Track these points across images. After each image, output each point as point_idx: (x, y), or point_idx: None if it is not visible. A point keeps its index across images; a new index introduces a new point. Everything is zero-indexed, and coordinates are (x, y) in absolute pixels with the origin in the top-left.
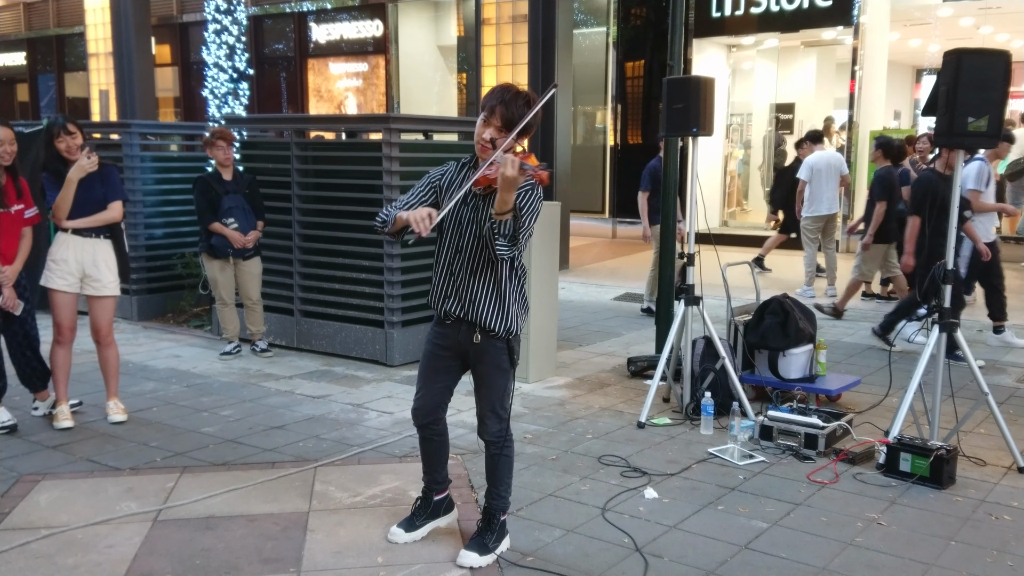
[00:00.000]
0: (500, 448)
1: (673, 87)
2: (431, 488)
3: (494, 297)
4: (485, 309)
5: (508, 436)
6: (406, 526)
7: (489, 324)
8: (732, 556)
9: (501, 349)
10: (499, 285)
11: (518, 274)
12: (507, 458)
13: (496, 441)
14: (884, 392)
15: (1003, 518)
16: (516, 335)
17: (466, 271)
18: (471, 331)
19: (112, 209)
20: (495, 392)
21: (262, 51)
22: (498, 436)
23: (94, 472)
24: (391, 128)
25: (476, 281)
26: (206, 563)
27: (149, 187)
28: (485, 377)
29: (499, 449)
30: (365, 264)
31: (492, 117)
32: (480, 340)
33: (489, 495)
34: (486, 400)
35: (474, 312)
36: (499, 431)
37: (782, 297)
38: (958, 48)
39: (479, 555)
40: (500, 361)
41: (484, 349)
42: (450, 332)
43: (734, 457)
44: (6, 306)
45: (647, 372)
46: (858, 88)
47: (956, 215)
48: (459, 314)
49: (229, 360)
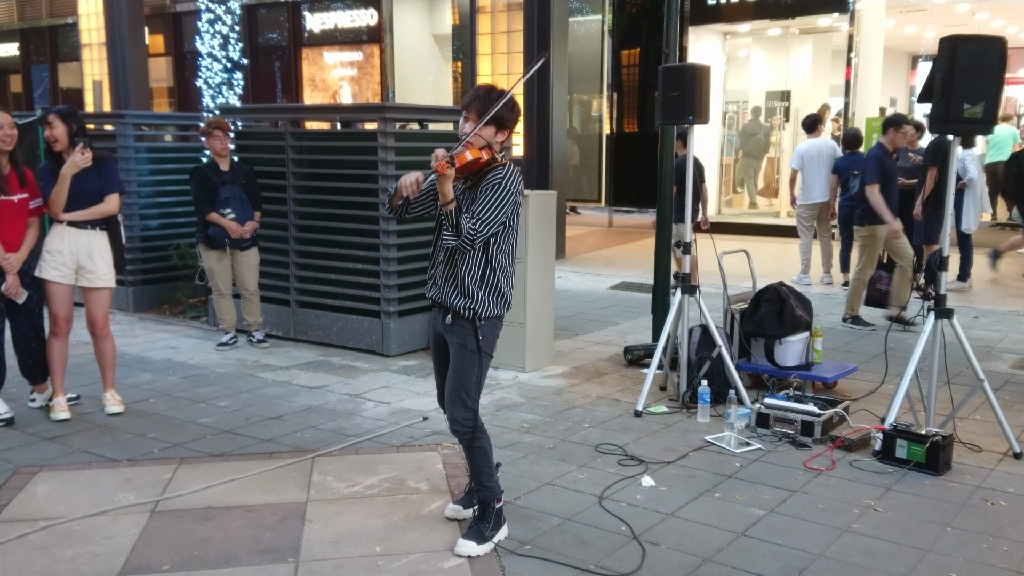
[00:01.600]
0: (470, 441)
1: (669, 75)
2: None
3: (464, 280)
4: (451, 291)
5: (476, 427)
6: (465, 502)
7: (454, 305)
8: (729, 543)
9: (467, 330)
10: (471, 268)
11: (491, 264)
12: (480, 448)
13: (464, 432)
14: (880, 379)
15: (999, 504)
16: (484, 319)
17: (441, 257)
18: (445, 314)
19: (109, 202)
20: (461, 376)
21: (256, 40)
22: (465, 426)
23: (91, 464)
24: (386, 117)
25: (447, 266)
26: (204, 554)
27: (144, 178)
28: (454, 359)
29: (469, 442)
30: (361, 254)
31: (469, 112)
32: (450, 321)
33: (475, 485)
34: (452, 384)
35: (443, 294)
36: (466, 420)
37: (778, 285)
38: (954, 35)
39: (476, 544)
40: (466, 341)
41: (452, 329)
42: (436, 317)
43: (731, 445)
44: (8, 293)
45: (644, 361)
46: (854, 75)
47: (952, 197)
48: (436, 298)
49: (226, 351)
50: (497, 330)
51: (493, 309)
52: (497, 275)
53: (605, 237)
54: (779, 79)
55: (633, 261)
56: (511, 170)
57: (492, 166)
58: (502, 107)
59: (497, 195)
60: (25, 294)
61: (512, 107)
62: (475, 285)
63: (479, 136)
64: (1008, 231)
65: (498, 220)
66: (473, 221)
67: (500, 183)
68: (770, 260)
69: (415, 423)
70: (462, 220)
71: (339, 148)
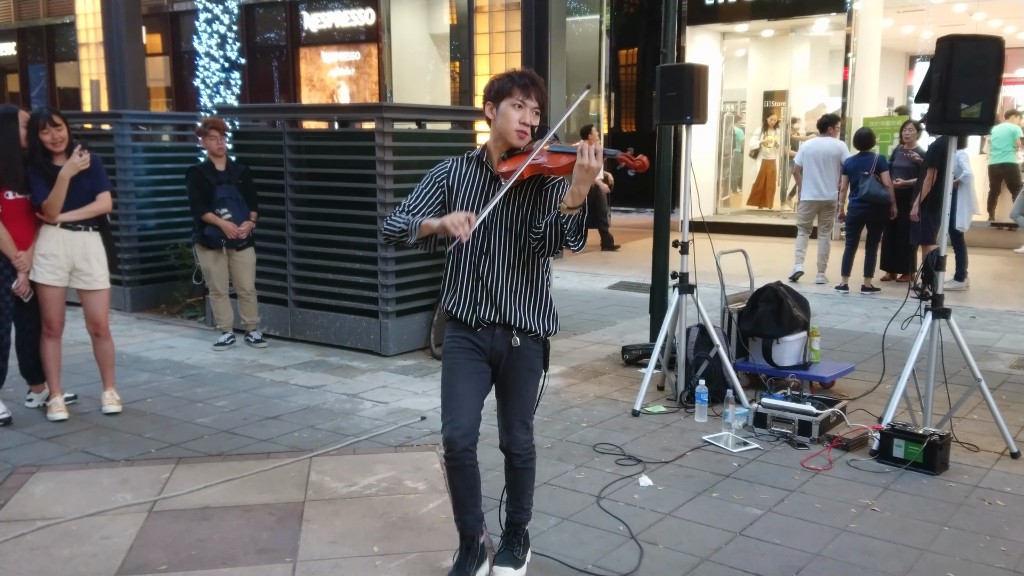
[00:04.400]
0: (526, 461)
1: (667, 75)
2: (475, 528)
3: (532, 296)
4: (524, 310)
5: (534, 447)
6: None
7: (528, 325)
8: (727, 543)
9: (537, 352)
10: (536, 283)
11: (546, 275)
12: (532, 470)
13: (523, 454)
14: (878, 379)
15: (996, 503)
16: (550, 335)
17: (498, 272)
18: (507, 335)
19: (102, 200)
20: (527, 399)
21: (254, 40)
22: (526, 448)
23: (89, 464)
24: (384, 117)
25: (511, 281)
26: (201, 554)
27: (141, 177)
28: (517, 383)
29: (524, 463)
30: (359, 254)
31: (528, 99)
32: (519, 343)
33: (514, 508)
34: (516, 409)
35: (512, 314)
36: (527, 442)
37: (776, 285)
38: (951, 35)
39: (514, 569)
40: (535, 364)
41: (521, 353)
42: (482, 339)
43: (728, 444)
44: (18, 291)
45: (642, 360)
46: (851, 75)
47: (948, 197)
48: (495, 319)
49: (223, 351)
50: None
51: (557, 324)
52: (550, 282)
53: None
54: (777, 79)
55: (631, 261)
56: None
57: None
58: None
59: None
60: (31, 293)
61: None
62: (544, 299)
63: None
64: (1004, 231)
65: None
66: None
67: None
68: (768, 260)
69: (413, 423)
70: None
71: (337, 148)
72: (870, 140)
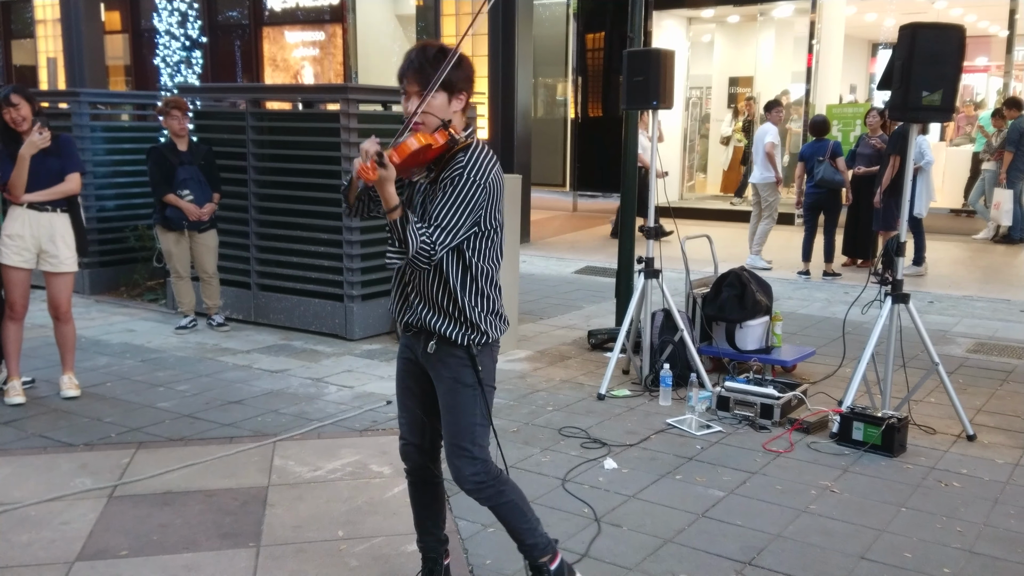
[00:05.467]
0: (491, 498)
1: (634, 59)
2: (435, 550)
3: (450, 298)
4: (440, 313)
5: (495, 478)
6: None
7: (444, 329)
8: (689, 524)
9: (462, 360)
10: (456, 285)
11: (473, 274)
12: (509, 503)
13: (477, 489)
14: (838, 363)
15: (952, 485)
16: (481, 344)
17: (414, 274)
18: (428, 340)
19: (70, 181)
20: (459, 418)
21: (215, 18)
22: (476, 483)
23: (47, 448)
24: (349, 99)
25: (427, 282)
26: (163, 539)
27: (100, 157)
28: (445, 397)
29: (490, 500)
30: (324, 237)
31: (409, 84)
32: (435, 349)
33: (519, 548)
34: (449, 432)
35: (426, 317)
36: (475, 476)
37: (740, 270)
38: (913, 23)
39: None
40: (461, 375)
41: (442, 361)
42: (412, 343)
43: (692, 427)
44: None
45: (607, 345)
46: (815, 62)
47: (909, 184)
48: (414, 322)
49: (185, 334)
50: (495, 355)
51: (492, 332)
52: (484, 286)
53: (569, 221)
54: (742, 65)
55: (597, 245)
56: (478, 154)
57: (453, 150)
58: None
59: (460, 191)
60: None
61: (460, 63)
62: (460, 303)
63: (429, 113)
64: (963, 217)
65: (464, 224)
66: (429, 230)
67: (462, 175)
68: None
69: (378, 407)
70: (410, 231)
71: (301, 129)
72: (825, 127)
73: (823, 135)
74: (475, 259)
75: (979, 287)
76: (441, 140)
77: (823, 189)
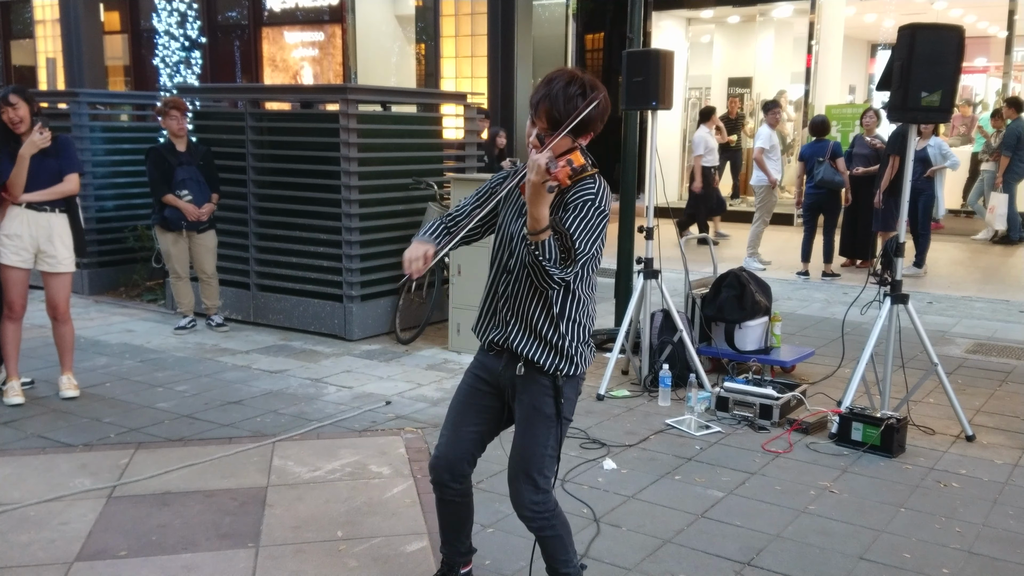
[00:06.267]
0: (538, 527)
1: (633, 60)
2: (454, 560)
3: (549, 325)
4: (534, 338)
5: (550, 511)
6: None
7: (533, 355)
8: (688, 525)
9: (546, 389)
10: (556, 311)
11: (575, 301)
12: (556, 538)
13: (530, 517)
14: (837, 363)
15: (951, 485)
16: (568, 375)
17: (516, 293)
18: (514, 362)
19: (69, 181)
20: (530, 446)
21: (215, 19)
22: (534, 512)
23: (46, 448)
24: (348, 99)
25: (526, 305)
26: (162, 539)
27: (99, 158)
28: (522, 423)
29: (537, 528)
30: (323, 237)
31: (537, 117)
32: (523, 373)
33: (549, 572)
34: (519, 457)
35: (518, 340)
36: (535, 505)
37: (739, 270)
38: (912, 23)
39: None
40: (542, 404)
41: (525, 386)
42: (491, 363)
43: (691, 428)
44: None
45: (606, 345)
46: (814, 63)
47: (908, 185)
48: (501, 342)
49: (184, 335)
50: (580, 387)
51: (582, 363)
52: (583, 317)
53: None
54: (741, 66)
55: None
56: (602, 182)
57: (581, 176)
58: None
59: (589, 216)
60: None
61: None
62: (561, 329)
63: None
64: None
65: (594, 251)
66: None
67: (594, 199)
68: (732, 246)
69: (377, 407)
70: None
71: (300, 130)
72: (825, 127)
73: (823, 135)
74: (579, 286)
75: (978, 288)
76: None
77: (823, 189)
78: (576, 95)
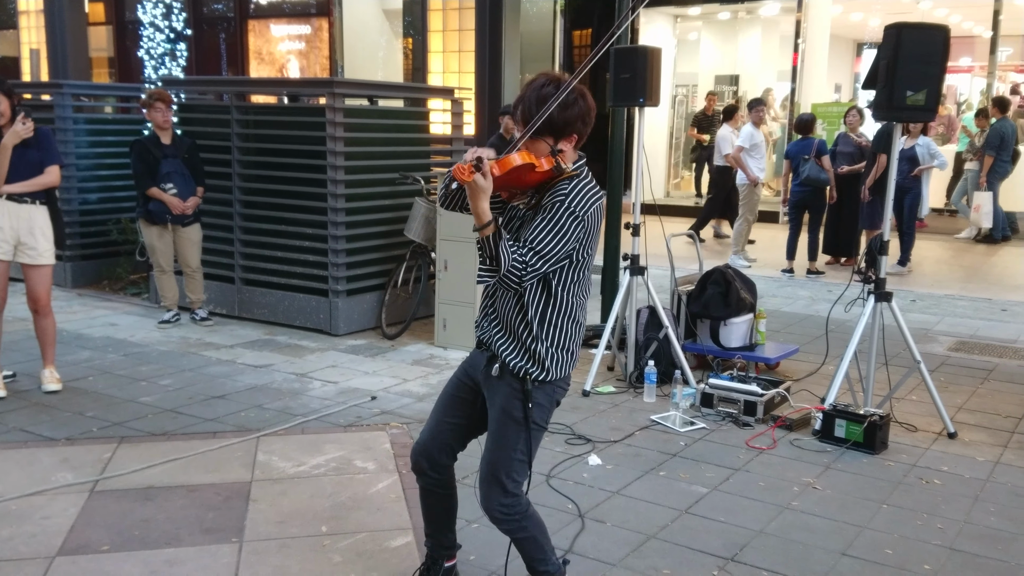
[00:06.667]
0: (513, 531)
1: (620, 57)
2: (438, 553)
3: (519, 325)
4: (510, 339)
5: (520, 513)
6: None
7: (507, 355)
8: (673, 520)
9: (515, 392)
10: (535, 314)
11: (554, 304)
12: (529, 538)
13: (502, 520)
14: (821, 360)
15: (933, 482)
16: (539, 380)
17: (497, 292)
18: (492, 362)
19: (49, 173)
20: (501, 449)
21: (200, 11)
22: (504, 514)
23: (28, 442)
24: (335, 93)
25: (503, 304)
26: (145, 534)
27: (83, 150)
28: (492, 424)
29: (510, 532)
30: (309, 231)
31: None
32: (497, 373)
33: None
34: (489, 459)
35: (495, 337)
36: (504, 508)
37: (724, 267)
38: (898, 22)
39: None
40: (511, 407)
41: (498, 387)
42: (478, 360)
43: (676, 424)
44: None
45: (592, 341)
46: (800, 61)
47: (892, 183)
48: (486, 340)
49: (168, 329)
50: (557, 396)
51: (555, 369)
52: (564, 322)
53: None
54: (728, 63)
55: None
56: (583, 185)
57: (558, 178)
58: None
59: (558, 219)
60: None
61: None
62: (534, 332)
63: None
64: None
65: (557, 253)
66: (524, 251)
67: (564, 202)
68: (717, 243)
69: (363, 403)
70: (502, 249)
71: (286, 123)
72: (811, 125)
73: (808, 133)
74: (560, 289)
75: (961, 286)
76: (547, 165)
77: (808, 187)
78: (549, 96)
